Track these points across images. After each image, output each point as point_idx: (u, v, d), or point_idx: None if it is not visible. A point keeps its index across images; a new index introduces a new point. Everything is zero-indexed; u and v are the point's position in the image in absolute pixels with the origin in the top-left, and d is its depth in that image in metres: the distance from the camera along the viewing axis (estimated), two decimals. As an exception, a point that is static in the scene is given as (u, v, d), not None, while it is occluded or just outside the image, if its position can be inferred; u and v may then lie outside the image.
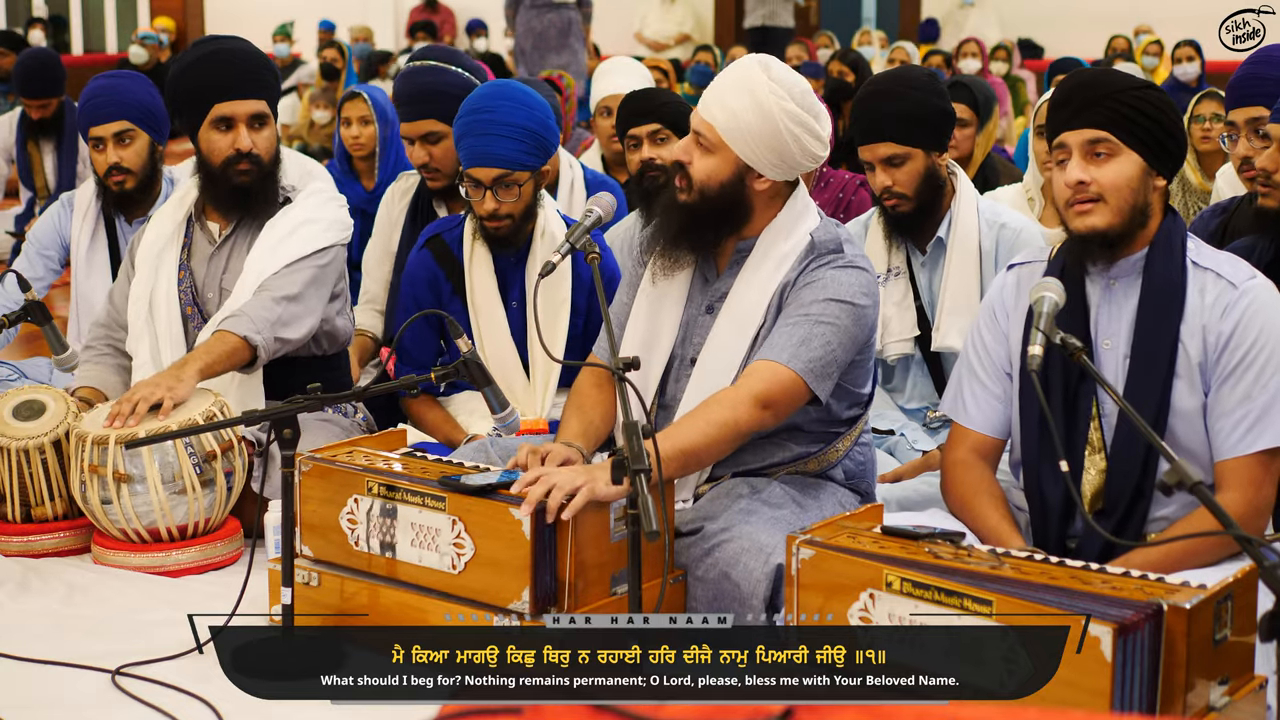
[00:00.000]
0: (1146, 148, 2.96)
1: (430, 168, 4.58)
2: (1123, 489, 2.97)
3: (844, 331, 3.17)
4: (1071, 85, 3.02)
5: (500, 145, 3.88)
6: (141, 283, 4.04)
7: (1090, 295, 3.04)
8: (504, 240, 4.01)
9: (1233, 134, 3.93)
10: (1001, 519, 3.03)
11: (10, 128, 7.99)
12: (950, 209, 4.05)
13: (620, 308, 3.44)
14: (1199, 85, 9.91)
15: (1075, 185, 2.96)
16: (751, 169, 3.21)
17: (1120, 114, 2.94)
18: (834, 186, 5.21)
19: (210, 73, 3.94)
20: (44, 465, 3.72)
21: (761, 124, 3.16)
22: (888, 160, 3.94)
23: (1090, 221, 2.97)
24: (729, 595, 2.99)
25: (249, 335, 3.75)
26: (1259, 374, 2.92)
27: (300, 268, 3.93)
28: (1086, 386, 3.01)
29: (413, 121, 4.55)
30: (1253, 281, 2.97)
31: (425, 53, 4.75)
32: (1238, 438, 2.92)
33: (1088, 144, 2.96)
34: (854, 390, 3.34)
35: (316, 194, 4.08)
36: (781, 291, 3.25)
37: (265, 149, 3.98)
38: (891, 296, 4.09)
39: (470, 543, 2.97)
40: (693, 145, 3.24)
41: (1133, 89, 2.97)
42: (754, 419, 3.10)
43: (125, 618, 3.35)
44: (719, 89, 3.23)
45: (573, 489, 2.86)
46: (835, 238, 3.28)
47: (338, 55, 12.36)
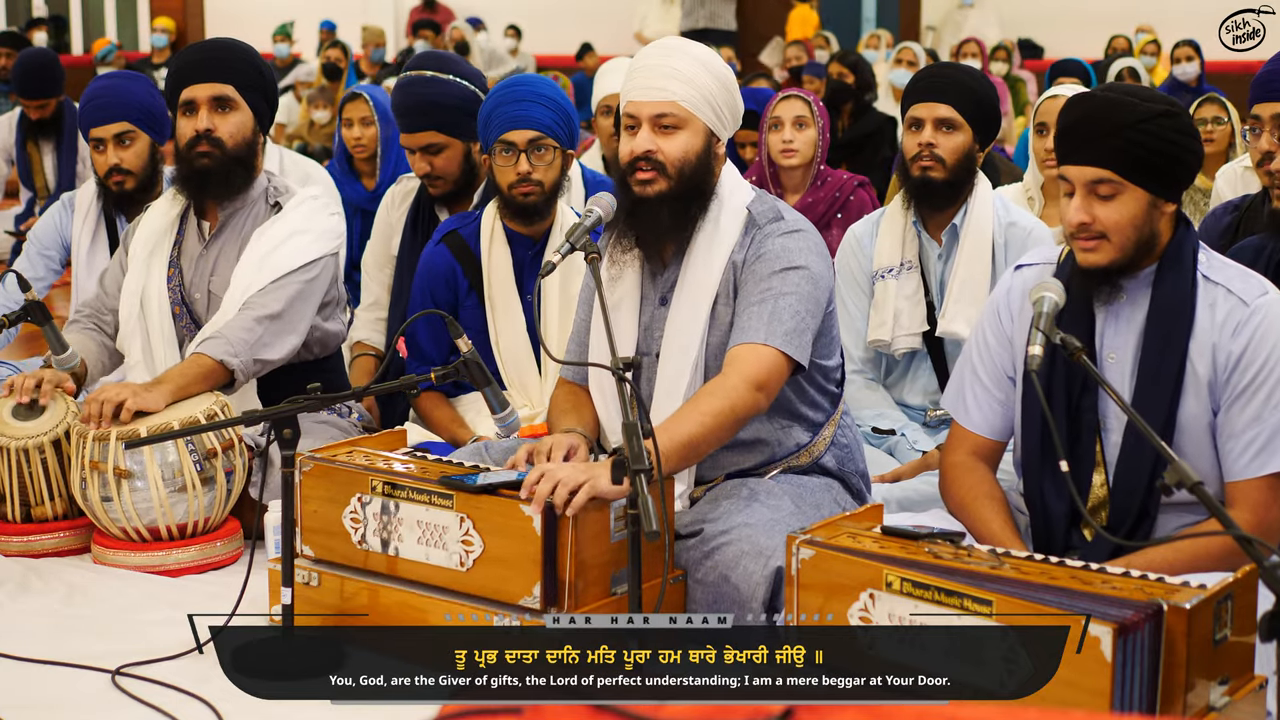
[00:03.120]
0: (1154, 181, 2.87)
1: (432, 177, 4.57)
2: (1128, 507, 2.95)
3: (807, 297, 3.22)
4: (1076, 117, 2.91)
5: (536, 110, 3.96)
6: (134, 278, 4.05)
7: (1096, 307, 2.99)
8: (531, 211, 4.00)
9: (1256, 128, 3.92)
10: (1003, 523, 3.01)
11: (10, 128, 7.99)
12: (968, 200, 4.10)
13: (581, 324, 3.49)
14: (1199, 85, 9.91)
15: (1077, 225, 2.90)
16: (713, 134, 3.27)
17: (1126, 151, 2.84)
18: (831, 185, 5.22)
19: (182, 63, 4.01)
20: (44, 465, 3.72)
21: (714, 82, 3.25)
22: (942, 122, 4.02)
23: (1093, 259, 2.91)
24: (728, 598, 3.00)
25: (225, 359, 3.76)
26: (1269, 395, 2.87)
27: (286, 284, 3.92)
28: (1089, 400, 2.97)
29: (412, 133, 4.53)
30: (1265, 298, 2.91)
31: (421, 61, 4.72)
32: (1248, 460, 2.89)
33: (1091, 183, 2.88)
34: (824, 364, 3.36)
35: (309, 201, 4.06)
36: (732, 269, 3.28)
37: (229, 132, 3.96)
38: (903, 290, 4.11)
39: (479, 540, 2.97)
40: (652, 133, 3.23)
41: (1141, 122, 2.84)
42: (749, 402, 3.12)
43: (125, 618, 3.35)
44: (656, 70, 3.23)
45: (575, 485, 2.86)
46: (772, 207, 3.34)
47: (341, 55, 12.36)
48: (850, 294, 4.24)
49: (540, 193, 3.98)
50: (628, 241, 3.32)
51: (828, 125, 5.23)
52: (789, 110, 5.17)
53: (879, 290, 4.16)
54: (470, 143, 4.50)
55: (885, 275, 4.15)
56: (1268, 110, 3.91)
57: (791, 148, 5.14)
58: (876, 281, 4.16)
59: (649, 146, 3.23)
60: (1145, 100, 2.88)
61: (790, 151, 5.14)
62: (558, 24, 16.35)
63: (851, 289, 4.25)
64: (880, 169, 8.10)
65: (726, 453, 3.33)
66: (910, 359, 4.21)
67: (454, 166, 4.51)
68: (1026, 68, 13.49)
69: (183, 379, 3.72)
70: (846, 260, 4.26)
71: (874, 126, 8.60)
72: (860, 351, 4.22)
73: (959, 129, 4.03)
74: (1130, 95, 2.91)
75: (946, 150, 4.02)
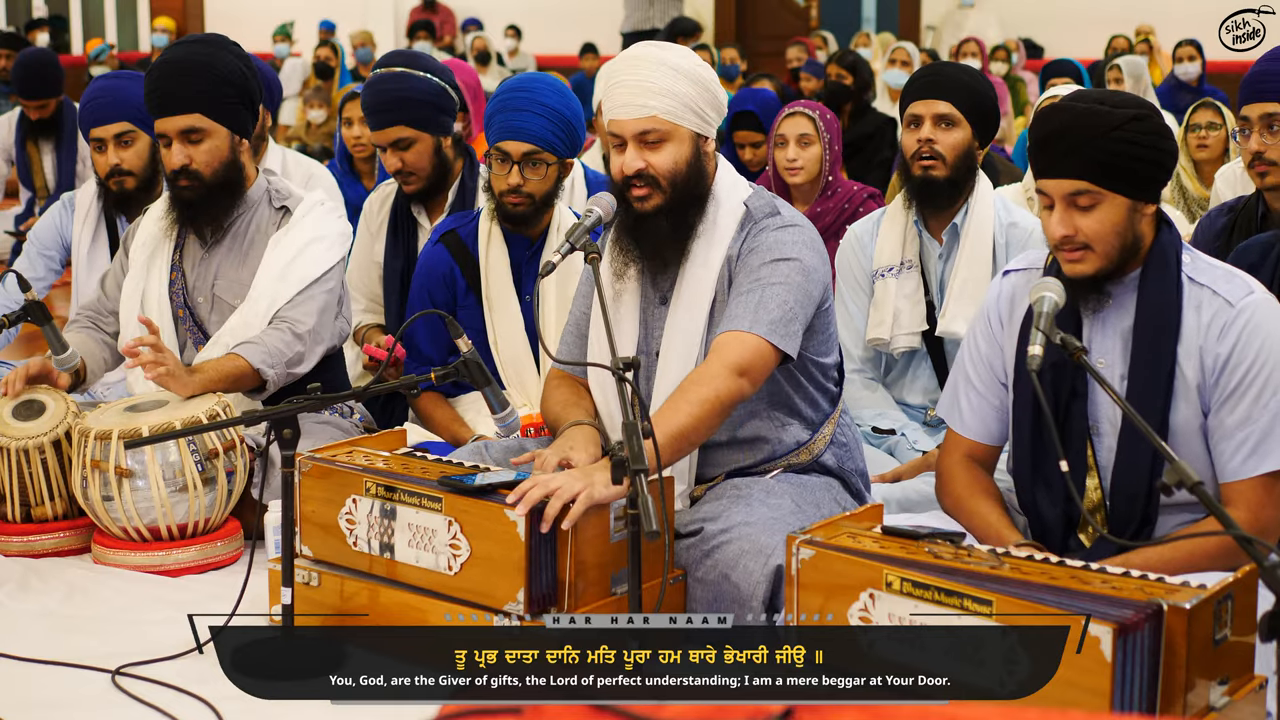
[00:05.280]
0: (1131, 186, 2.86)
1: (404, 173, 4.55)
2: (1128, 513, 2.94)
3: (797, 288, 3.21)
4: (1046, 133, 2.88)
5: (534, 122, 3.92)
6: (134, 280, 4.05)
7: (1083, 313, 2.99)
8: (519, 220, 4.01)
9: (1245, 129, 3.92)
10: (999, 516, 3.02)
11: (10, 128, 7.99)
12: (969, 199, 4.10)
13: (580, 316, 3.48)
14: (1200, 84, 9.91)
15: (1061, 238, 2.89)
16: (701, 135, 3.27)
17: (1098, 161, 2.82)
18: (840, 195, 5.22)
19: (148, 90, 3.93)
20: (44, 465, 3.72)
21: (693, 86, 3.23)
22: (941, 119, 4.04)
23: (1080, 269, 2.90)
24: (729, 597, 3.00)
25: (262, 368, 3.78)
26: (1259, 395, 2.87)
27: (313, 295, 3.93)
28: (1079, 406, 2.97)
29: (381, 130, 4.51)
30: (1250, 299, 2.90)
31: (388, 59, 4.71)
32: (1240, 461, 2.89)
33: (1069, 195, 2.86)
34: (822, 362, 3.36)
35: (317, 207, 4.05)
36: (728, 264, 3.28)
37: (204, 161, 3.89)
38: (903, 289, 4.12)
39: (466, 544, 2.97)
40: (639, 150, 3.23)
41: (1112, 130, 2.82)
42: (733, 389, 3.12)
43: (125, 618, 3.35)
44: (633, 85, 3.22)
45: (571, 495, 2.86)
46: (769, 202, 3.34)
47: (331, 54, 12.36)
48: (850, 293, 4.24)
49: (530, 204, 3.99)
50: (631, 254, 3.32)
51: (836, 137, 5.20)
52: (793, 128, 5.15)
53: (879, 289, 4.16)
54: (440, 137, 4.50)
55: (885, 274, 4.15)
56: (1257, 110, 3.91)
57: (796, 166, 5.14)
58: (876, 280, 4.17)
59: (638, 165, 3.23)
60: (1115, 106, 2.85)
61: (795, 170, 5.14)
62: (558, 24, 16.36)
63: (851, 288, 4.25)
64: (880, 169, 8.10)
65: (726, 451, 3.33)
66: (910, 358, 4.21)
67: (425, 161, 4.50)
68: (1028, 68, 13.49)
69: (217, 373, 3.73)
70: (847, 259, 4.27)
71: (873, 127, 8.60)
72: (860, 350, 4.23)
73: (958, 125, 4.04)
74: (1100, 103, 2.87)
75: (946, 146, 4.03)
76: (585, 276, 3.53)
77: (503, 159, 3.95)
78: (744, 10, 16.78)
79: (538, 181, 3.97)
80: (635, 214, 3.26)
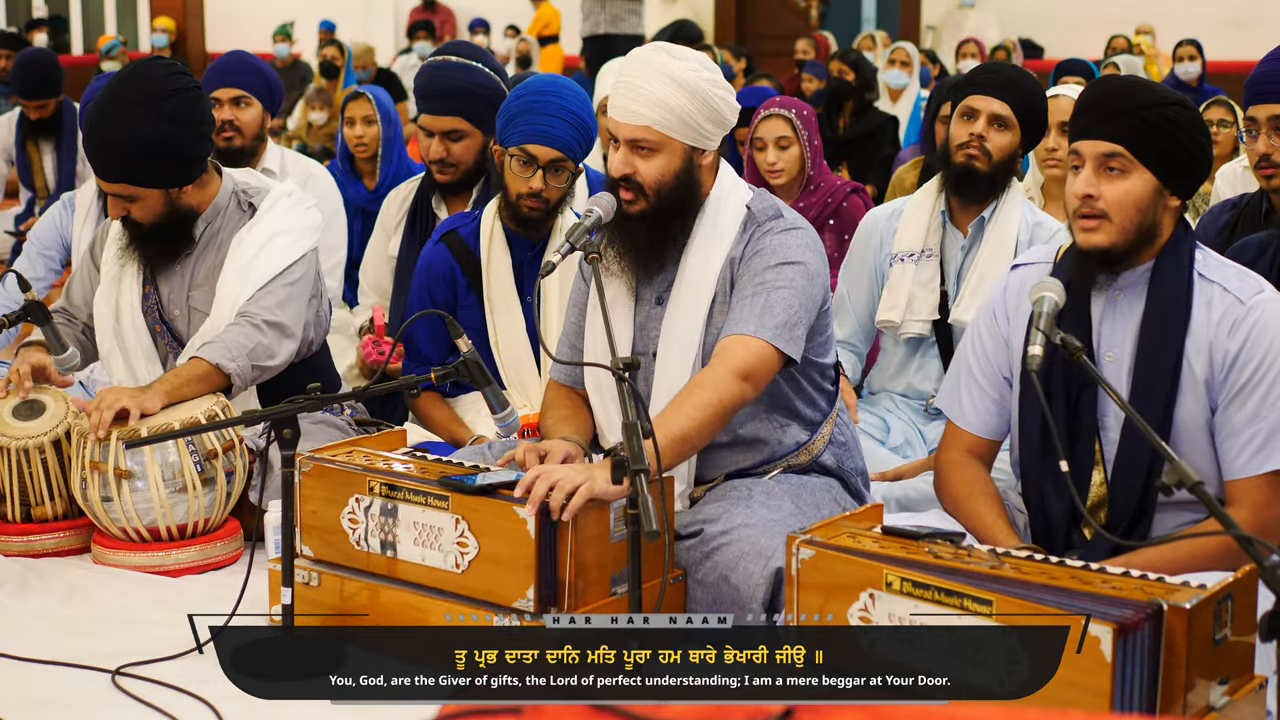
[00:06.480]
0: (1163, 166, 2.90)
1: (446, 163, 4.54)
2: (1126, 505, 2.95)
3: (801, 291, 3.22)
4: (1100, 92, 2.95)
5: (564, 129, 3.92)
6: (104, 299, 3.98)
7: (1094, 306, 3.00)
8: (531, 223, 4.01)
9: (1252, 130, 3.91)
10: (997, 518, 3.02)
11: (10, 128, 7.99)
12: (1000, 196, 4.14)
13: (572, 326, 3.48)
14: (1200, 84, 9.91)
15: (1082, 197, 2.92)
16: (697, 148, 3.25)
17: (1141, 130, 2.88)
18: (823, 191, 5.22)
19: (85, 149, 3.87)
20: (44, 465, 3.72)
21: (693, 102, 3.19)
22: (996, 118, 4.08)
23: (1093, 239, 2.92)
24: (728, 598, 3.00)
25: (221, 362, 3.72)
26: (1267, 393, 2.88)
27: (276, 289, 3.87)
28: (1088, 399, 2.98)
29: (437, 116, 4.49)
30: (1260, 296, 2.92)
31: (451, 48, 4.69)
32: (1246, 458, 2.90)
33: (1102, 156, 2.91)
34: (820, 362, 3.37)
35: (283, 199, 3.99)
36: (730, 266, 3.28)
37: (141, 215, 3.83)
38: (919, 276, 4.15)
39: (474, 541, 2.96)
40: (630, 155, 3.23)
41: (1161, 105, 2.89)
42: (736, 393, 3.12)
43: (125, 618, 3.35)
44: (632, 90, 3.21)
45: (572, 487, 2.86)
46: (772, 204, 3.34)
47: (338, 53, 12.34)
48: (855, 271, 4.28)
49: (545, 208, 3.99)
50: (619, 251, 3.32)
51: (814, 132, 5.21)
52: (770, 131, 5.15)
53: (895, 272, 4.18)
54: (488, 136, 4.48)
55: (904, 259, 4.17)
56: (1264, 112, 3.90)
57: (776, 169, 5.15)
58: (894, 264, 4.18)
59: (626, 170, 3.23)
60: (1163, 90, 2.95)
61: (776, 173, 5.16)
62: (558, 24, 16.33)
63: (858, 267, 4.28)
64: (880, 167, 8.10)
65: (726, 452, 3.33)
66: (918, 345, 4.23)
67: (470, 156, 4.51)
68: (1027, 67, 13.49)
69: (177, 380, 3.70)
70: (864, 237, 4.30)
71: (874, 125, 8.60)
72: (849, 328, 4.27)
73: (1010, 128, 4.09)
74: (1148, 85, 2.98)
75: (995, 146, 4.08)
76: (576, 284, 3.52)
77: (527, 161, 3.92)
78: (744, 10, 16.78)
79: (558, 188, 3.98)
80: (621, 214, 3.26)
